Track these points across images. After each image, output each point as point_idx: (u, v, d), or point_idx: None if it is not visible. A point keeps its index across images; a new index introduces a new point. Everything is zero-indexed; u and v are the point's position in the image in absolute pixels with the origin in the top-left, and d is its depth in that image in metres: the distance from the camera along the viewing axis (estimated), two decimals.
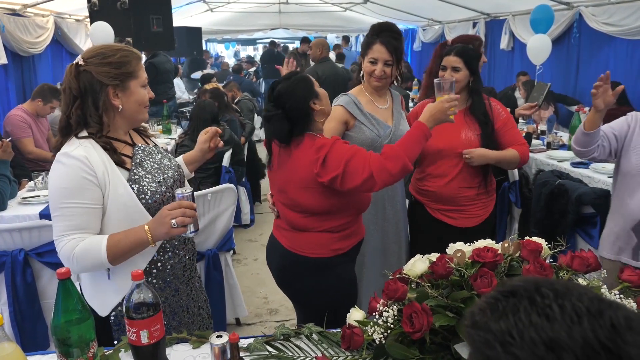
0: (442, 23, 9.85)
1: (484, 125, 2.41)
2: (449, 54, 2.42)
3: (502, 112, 2.50)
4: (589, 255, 1.46)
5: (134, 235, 1.53)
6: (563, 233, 2.78)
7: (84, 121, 1.57)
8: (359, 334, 1.40)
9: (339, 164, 1.81)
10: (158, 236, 1.54)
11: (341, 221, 1.96)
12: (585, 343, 0.54)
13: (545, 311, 0.58)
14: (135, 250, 1.56)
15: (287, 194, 1.96)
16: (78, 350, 1.30)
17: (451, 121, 2.00)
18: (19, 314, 2.50)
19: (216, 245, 2.91)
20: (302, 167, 1.88)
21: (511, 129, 2.49)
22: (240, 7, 11.05)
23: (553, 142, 4.37)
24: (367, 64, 2.35)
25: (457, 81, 2.36)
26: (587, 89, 6.17)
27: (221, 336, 1.33)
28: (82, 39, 7.43)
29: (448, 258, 1.42)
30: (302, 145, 1.89)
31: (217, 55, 20.34)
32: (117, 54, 1.58)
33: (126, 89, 1.59)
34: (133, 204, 1.58)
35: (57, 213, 1.53)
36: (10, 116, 4.54)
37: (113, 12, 5.52)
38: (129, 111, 1.62)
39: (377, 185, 1.83)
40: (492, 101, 2.51)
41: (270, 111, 1.89)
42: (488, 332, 0.60)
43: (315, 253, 1.96)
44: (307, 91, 1.90)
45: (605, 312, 0.57)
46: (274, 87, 1.94)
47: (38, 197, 3.23)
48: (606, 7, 5.41)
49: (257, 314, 3.54)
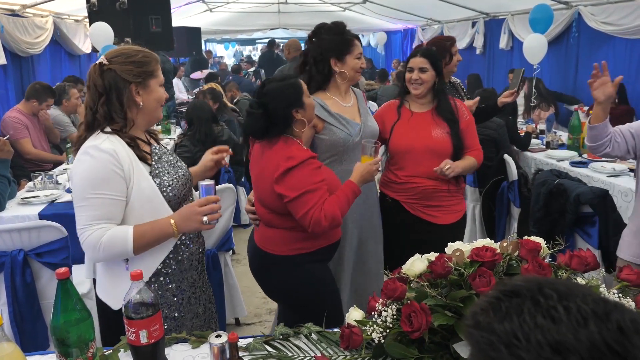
0: (441, 23, 9.86)
1: (452, 124, 2.49)
2: (415, 56, 2.50)
3: (466, 114, 2.59)
4: (587, 254, 1.46)
5: (160, 228, 1.62)
6: (562, 232, 2.77)
7: (110, 117, 1.65)
8: (358, 333, 1.40)
9: (297, 189, 1.85)
10: (185, 230, 1.66)
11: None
12: (592, 345, 0.54)
13: (551, 313, 0.57)
14: (159, 242, 1.66)
15: (257, 188, 2.03)
16: (77, 350, 1.30)
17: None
18: (18, 314, 2.49)
19: (215, 245, 2.91)
20: (270, 167, 1.91)
21: (472, 132, 2.60)
22: (240, 7, 11.04)
23: (552, 141, 4.38)
24: (355, 60, 2.40)
25: (424, 82, 2.47)
26: (586, 88, 6.15)
27: (220, 336, 1.34)
28: (81, 39, 7.43)
29: (447, 257, 1.42)
30: (275, 147, 1.92)
31: (214, 55, 20.35)
32: (139, 54, 1.69)
33: (147, 87, 1.69)
34: (156, 197, 1.67)
35: (84, 203, 1.58)
36: (6, 118, 4.55)
37: (112, 13, 5.52)
38: (149, 108, 1.71)
39: (307, 229, 1.89)
40: (457, 102, 2.60)
41: (254, 108, 1.92)
42: (492, 333, 0.59)
43: (277, 250, 2.01)
44: (293, 98, 1.92)
45: (612, 315, 0.56)
46: (265, 84, 1.97)
47: (37, 198, 3.23)
48: (605, 7, 5.41)
49: (256, 314, 3.54)
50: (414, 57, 2.50)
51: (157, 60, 1.76)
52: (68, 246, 2.50)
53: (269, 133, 1.92)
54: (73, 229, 2.86)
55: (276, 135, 1.92)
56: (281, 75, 2.00)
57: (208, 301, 1.94)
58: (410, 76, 2.49)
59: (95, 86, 1.64)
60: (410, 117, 2.54)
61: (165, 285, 1.74)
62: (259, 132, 1.93)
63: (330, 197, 1.92)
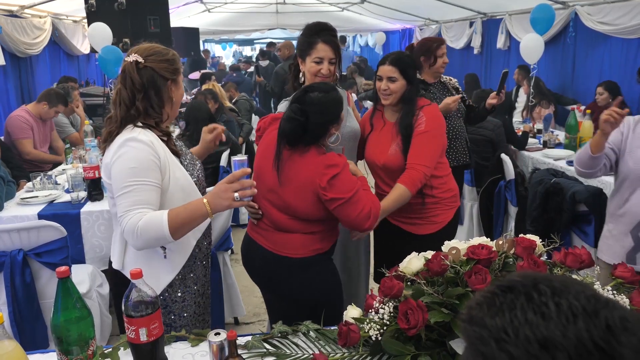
0: (439, 23, 9.88)
1: (405, 139, 2.30)
2: (384, 64, 2.33)
3: (422, 124, 2.28)
4: (582, 252, 1.48)
5: (193, 208, 1.63)
6: (558, 231, 2.78)
7: (146, 112, 1.71)
8: (356, 330, 1.42)
9: (350, 190, 1.87)
10: (218, 209, 1.64)
11: (325, 226, 2.00)
12: (579, 343, 0.54)
13: (542, 309, 0.58)
14: (194, 222, 1.66)
15: (279, 194, 1.94)
16: (78, 348, 1.31)
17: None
18: (18, 314, 2.50)
19: (214, 245, 2.91)
20: (304, 174, 1.89)
21: (419, 144, 2.27)
22: (238, 8, 11.05)
23: (549, 140, 4.40)
24: (312, 64, 2.28)
25: (393, 92, 2.31)
26: (582, 88, 6.20)
27: (219, 334, 1.35)
28: (80, 39, 7.44)
29: (443, 255, 1.43)
30: (307, 155, 1.90)
31: (213, 55, 20.34)
32: (169, 53, 1.78)
33: (177, 83, 1.79)
34: (189, 186, 1.76)
35: (124, 191, 1.61)
36: (13, 117, 4.54)
37: (110, 13, 5.51)
38: (177, 103, 1.82)
39: (367, 224, 1.92)
40: (424, 110, 2.33)
41: (295, 113, 1.87)
42: (483, 328, 0.60)
43: (297, 253, 1.97)
44: (335, 114, 1.93)
45: (601, 312, 0.56)
46: (308, 90, 1.91)
47: (36, 198, 3.24)
48: (602, 7, 5.44)
49: (255, 313, 3.55)
50: (383, 64, 2.34)
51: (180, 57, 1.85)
52: (67, 246, 2.52)
53: (303, 141, 1.90)
54: (72, 229, 2.90)
55: (308, 144, 1.91)
56: (324, 85, 1.95)
57: (206, 297, 1.99)
58: (380, 85, 2.35)
59: (133, 83, 1.69)
60: (382, 128, 2.43)
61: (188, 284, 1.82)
62: (294, 138, 1.90)
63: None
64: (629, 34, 5.18)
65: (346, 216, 1.90)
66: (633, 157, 2.25)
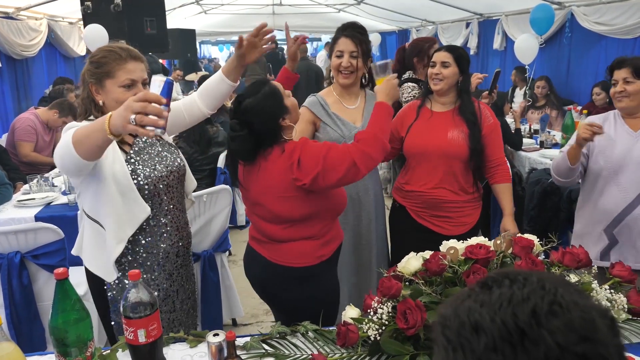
0: (435, 24, 9.89)
1: (472, 125, 2.34)
2: (439, 51, 2.41)
3: (490, 118, 2.42)
4: (579, 251, 1.48)
5: (97, 121, 1.42)
6: (556, 230, 2.79)
7: (89, 108, 1.73)
8: (354, 330, 1.42)
9: (317, 162, 1.75)
10: (116, 128, 1.35)
11: (319, 226, 1.90)
12: (503, 326, 0.57)
13: (484, 297, 0.62)
14: (92, 135, 1.42)
15: (264, 206, 1.86)
16: (76, 350, 1.31)
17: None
18: (15, 316, 2.50)
19: (212, 247, 2.92)
20: (275, 177, 1.80)
21: (496, 139, 2.43)
22: (234, 9, 11.06)
23: (546, 141, 4.42)
24: (334, 58, 2.35)
25: (444, 77, 2.35)
26: (578, 88, 6.22)
27: (218, 334, 1.35)
28: (76, 41, 7.43)
29: (441, 255, 1.44)
30: (270, 156, 1.81)
31: (209, 57, 20.31)
32: (99, 54, 1.72)
33: (104, 87, 1.71)
34: (126, 180, 1.71)
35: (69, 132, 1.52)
36: (21, 118, 4.54)
37: (107, 15, 5.50)
38: (110, 108, 1.64)
39: (360, 173, 1.79)
40: (481, 104, 2.46)
41: (236, 130, 1.79)
42: (439, 316, 0.65)
43: (299, 262, 1.89)
44: (277, 107, 1.79)
45: (532, 298, 0.59)
46: (240, 100, 1.80)
47: (33, 200, 3.23)
48: (598, 7, 5.46)
49: (253, 315, 3.55)
50: (438, 52, 2.41)
51: (121, 59, 1.69)
52: (65, 248, 2.51)
53: (260, 150, 1.81)
54: (69, 231, 2.89)
55: (266, 148, 1.81)
56: (252, 87, 1.83)
57: (187, 297, 1.97)
58: (432, 71, 2.38)
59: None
60: (430, 117, 2.42)
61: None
62: (249, 153, 1.81)
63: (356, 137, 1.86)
64: (625, 34, 5.20)
65: (337, 182, 1.78)
66: (604, 155, 2.28)
